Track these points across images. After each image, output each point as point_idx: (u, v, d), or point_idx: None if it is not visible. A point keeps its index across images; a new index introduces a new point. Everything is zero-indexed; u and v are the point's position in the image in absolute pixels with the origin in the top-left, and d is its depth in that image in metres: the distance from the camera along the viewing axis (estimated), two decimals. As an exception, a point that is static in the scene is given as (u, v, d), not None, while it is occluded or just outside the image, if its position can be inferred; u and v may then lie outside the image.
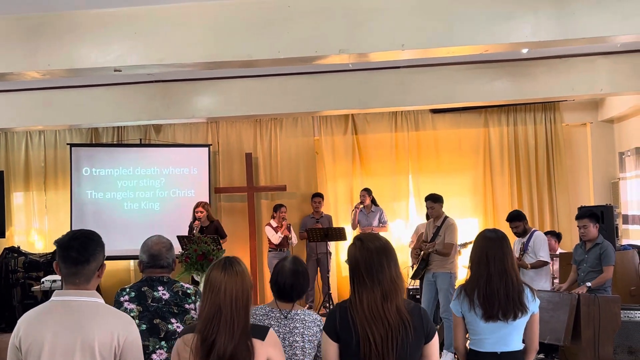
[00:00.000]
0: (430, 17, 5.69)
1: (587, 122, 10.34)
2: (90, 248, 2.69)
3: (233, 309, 2.63)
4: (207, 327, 2.62)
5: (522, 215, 7.23)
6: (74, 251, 2.65)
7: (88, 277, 2.67)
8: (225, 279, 2.67)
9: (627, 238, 9.17)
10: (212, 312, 2.63)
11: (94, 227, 9.39)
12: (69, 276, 2.66)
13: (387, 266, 2.76)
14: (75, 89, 8.92)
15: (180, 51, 5.91)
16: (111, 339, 2.57)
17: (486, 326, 3.51)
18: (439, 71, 8.56)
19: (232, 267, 2.72)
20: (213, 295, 2.65)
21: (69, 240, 2.68)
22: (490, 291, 3.48)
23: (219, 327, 2.60)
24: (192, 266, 6.73)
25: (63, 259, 2.66)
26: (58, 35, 5.93)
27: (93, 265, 2.68)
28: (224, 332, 2.60)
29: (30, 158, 10.70)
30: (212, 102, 9.13)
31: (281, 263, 3.52)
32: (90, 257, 2.67)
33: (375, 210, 9.73)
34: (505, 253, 3.54)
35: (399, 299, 2.75)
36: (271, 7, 5.79)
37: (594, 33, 5.51)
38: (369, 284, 2.73)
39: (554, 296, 6.07)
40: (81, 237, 2.71)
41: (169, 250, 3.56)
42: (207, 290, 2.68)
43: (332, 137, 10.55)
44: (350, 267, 2.85)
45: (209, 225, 9.11)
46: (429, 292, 7.42)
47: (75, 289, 2.66)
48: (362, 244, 2.82)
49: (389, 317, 2.69)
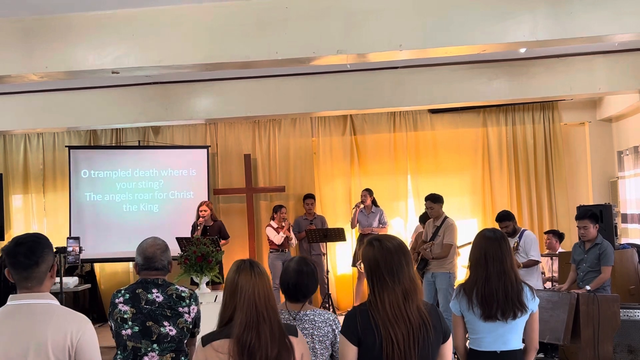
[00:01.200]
0: (428, 17, 5.69)
1: (586, 121, 10.34)
2: (37, 251, 2.67)
3: (269, 309, 2.64)
4: (245, 331, 2.59)
5: (511, 215, 7.24)
6: (21, 256, 2.64)
7: (40, 279, 2.67)
8: (258, 281, 2.66)
9: (626, 237, 9.18)
10: (249, 316, 2.60)
11: (92, 229, 9.37)
12: (21, 281, 2.66)
13: (406, 265, 2.76)
14: (74, 91, 8.93)
15: (178, 53, 5.92)
16: (64, 339, 2.56)
17: (485, 325, 3.51)
18: (437, 71, 8.57)
19: (258, 269, 2.72)
20: (246, 299, 2.63)
21: (15, 246, 2.68)
22: (489, 291, 3.48)
23: (258, 330, 2.59)
24: (191, 268, 6.71)
25: (12, 265, 2.66)
26: (55, 38, 5.94)
27: (43, 267, 2.67)
28: (265, 334, 2.59)
29: (29, 160, 10.71)
30: (211, 104, 9.13)
31: (287, 264, 3.50)
32: (38, 259, 2.66)
33: (375, 211, 9.73)
34: (504, 253, 3.53)
35: (419, 299, 2.74)
36: (268, 8, 5.79)
37: (591, 32, 5.52)
38: (390, 283, 2.71)
39: (553, 295, 6.07)
40: (27, 241, 2.70)
41: (164, 253, 3.54)
42: (238, 294, 2.65)
43: (331, 137, 10.55)
44: (369, 268, 2.80)
45: (212, 225, 9.12)
46: (429, 292, 7.41)
47: (28, 292, 2.66)
48: (381, 244, 2.80)
49: (410, 316, 2.68)
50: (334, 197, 10.53)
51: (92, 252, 9.41)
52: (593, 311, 5.77)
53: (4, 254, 2.71)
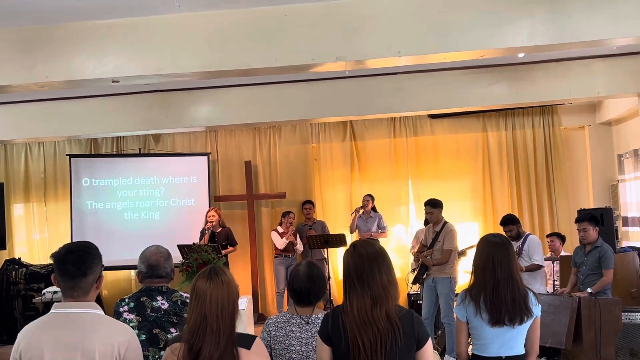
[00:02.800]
0: (426, 23, 5.71)
1: (585, 125, 10.36)
2: (87, 261, 2.67)
3: (219, 317, 2.64)
4: (193, 335, 2.62)
5: (516, 219, 7.25)
6: (70, 265, 2.64)
7: (86, 290, 2.66)
8: (211, 288, 2.68)
9: (627, 240, 9.18)
10: (198, 321, 2.63)
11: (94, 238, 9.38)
12: (67, 289, 2.65)
13: (379, 272, 2.81)
14: (74, 100, 8.95)
15: (178, 61, 5.93)
16: (111, 350, 2.57)
17: (492, 331, 3.51)
18: (437, 76, 8.58)
19: (217, 277, 2.73)
20: (199, 305, 2.66)
21: (66, 254, 2.67)
22: (497, 297, 3.48)
23: (204, 335, 2.61)
24: (193, 275, 6.72)
25: (60, 272, 2.66)
26: (56, 47, 5.96)
27: (90, 278, 2.67)
28: (209, 340, 2.61)
29: (30, 169, 10.72)
30: (211, 111, 9.15)
31: (296, 268, 3.51)
32: (87, 270, 2.66)
33: (374, 216, 9.74)
34: (510, 258, 3.54)
35: (390, 305, 2.79)
36: (268, 16, 5.81)
37: (589, 37, 5.54)
38: (359, 289, 2.80)
39: (554, 299, 6.08)
40: (78, 250, 2.70)
41: (167, 260, 3.56)
42: (193, 299, 2.69)
43: (331, 143, 10.56)
44: (343, 273, 2.91)
45: (220, 231, 9.14)
46: (430, 297, 7.41)
47: (74, 301, 2.65)
48: (355, 249, 2.90)
49: (378, 322, 2.74)
50: (335, 203, 10.54)
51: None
52: (595, 315, 5.77)
53: (53, 261, 2.70)
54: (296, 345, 3.32)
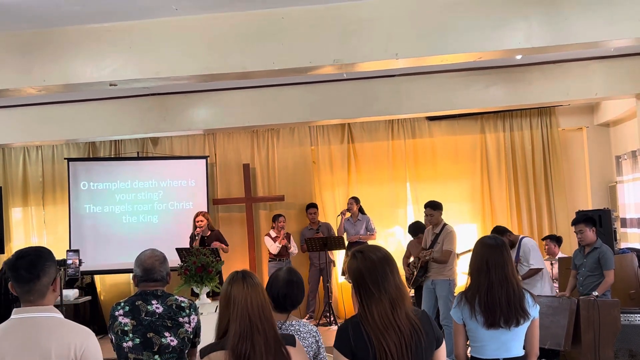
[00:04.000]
0: (423, 25, 5.71)
1: (583, 127, 10.37)
2: (39, 264, 2.68)
3: (263, 320, 2.65)
4: (239, 342, 2.60)
5: (503, 229, 7.26)
6: (22, 270, 2.65)
7: (42, 293, 2.68)
8: (250, 292, 2.68)
9: (626, 241, 9.18)
10: (242, 327, 2.62)
11: (92, 241, 9.35)
12: (23, 294, 2.67)
13: (391, 274, 2.75)
14: (72, 103, 8.94)
15: (176, 64, 5.94)
16: (68, 352, 2.57)
17: (488, 333, 3.51)
18: (434, 79, 8.59)
19: (251, 279, 2.74)
20: (239, 310, 2.64)
21: (16, 260, 2.69)
22: (492, 299, 3.48)
23: (252, 340, 2.60)
24: (191, 278, 6.72)
25: (14, 278, 2.68)
26: (53, 51, 5.96)
27: (45, 281, 2.68)
28: (259, 344, 2.60)
29: (28, 173, 10.70)
30: (209, 114, 9.15)
31: (275, 273, 3.50)
32: (39, 272, 2.66)
33: (362, 219, 9.73)
34: (505, 260, 3.54)
35: (407, 306, 2.74)
36: (265, 19, 5.82)
37: (586, 38, 5.55)
38: (376, 294, 2.71)
39: (553, 301, 6.08)
40: (28, 254, 2.70)
41: (163, 264, 3.56)
42: (232, 305, 2.67)
43: (329, 146, 10.56)
44: (355, 281, 2.80)
45: (210, 235, 9.13)
46: (429, 299, 7.41)
47: (31, 305, 2.67)
48: (364, 255, 2.79)
49: (400, 324, 2.68)
50: (333, 205, 10.53)
51: (92, 264, 9.41)
52: (593, 316, 5.78)
53: (5, 268, 2.72)
54: None
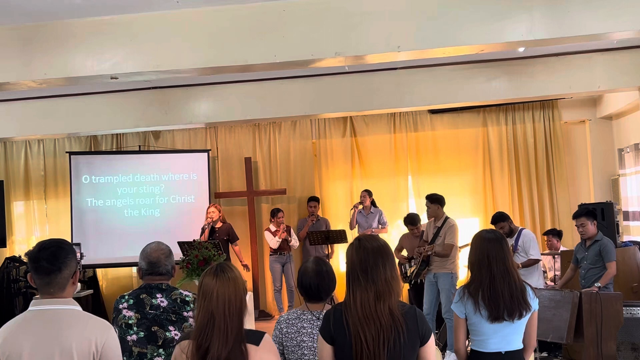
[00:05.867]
0: (425, 18, 5.70)
1: (586, 119, 10.33)
2: (60, 256, 2.68)
3: (226, 314, 2.63)
4: (201, 333, 2.62)
5: (505, 215, 7.24)
6: (44, 261, 2.65)
7: (62, 286, 2.68)
8: (218, 285, 2.67)
9: (628, 234, 9.16)
10: (205, 319, 2.63)
11: (94, 235, 9.35)
12: (43, 286, 2.67)
13: (383, 267, 2.77)
14: (73, 97, 8.94)
15: (177, 57, 5.93)
16: (89, 345, 2.57)
17: (491, 327, 3.51)
18: (436, 71, 8.57)
19: (224, 273, 2.71)
20: (206, 302, 2.65)
21: (39, 251, 2.69)
22: (495, 292, 3.48)
23: (212, 332, 2.60)
24: (193, 272, 6.72)
25: (35, 270, 2.68)
26: (54, 44, 5.95)
27: (65, 273, 2.68)
28: (217, 337, 2.60)
29: (30, 167, 10.70)
30: (210, 108, 9.14)
31: (304, 265, 3.51)
32: (61, 265, 2.67)
33: (374, 212, 9.73)
34: (505, 253, 3.54)
35: (392, 301, 2.76)
36: (266, 12, 5.81)
37: (588, 31, 5.53)
38: (363, 283, 2.75)
39: (555, 294, 6.07)
40: (50, 246, 2.71)
41: (168, 257, 3.55)
42: (200, 296, 2.68)
43: (331, 139, 10.54)
44: (347, 267, 2.87)
45: (221, 227, 9.15)
46: (431, 293, 7.41)
47: (51, 297, 2.67)
48: (360, 243, 2.85)
49: (381, 317, 2.70)
50: (335, 199, 10.53)
51: (94, 258, 9.43)
52: (596, 309, 5.77)
53: (28, 259, 2.72)
54: (308, 342, 3.31)
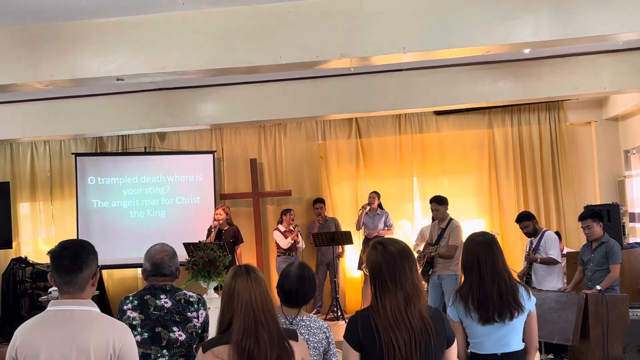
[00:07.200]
0: (431, 19, 5.69)
1: (592, 121, 10.31)
2: (82, 256, 2.69)
3: (267, 314, 2.63)
4: (244, 337, 2.59)
5: (531, 215, 7.25)
6: (66, 260, 2.65)
7: (82, 286, 2.67)
8: (254, 287, 2.67)
9: (634, 236, 9.14)
10: (247, 322, 2.60)
11: (100, 236, 9.37)
12: (63, 285, 2.66)
13: (409, 269, 2.74)
14: (79, 98, 8.96)
15: (182, 59, 5.94)
16: (107, 347, 2.57)
17: (484, 329, 3.50)
18: (442, 73, 8.56)
19: (255, 274, 2.72)
20: (243, 305, 2.63)
21: (61, 250, 2.69)
22: (484, 294, 3.47)
23: (256, 335, 2.58)
24: (198, 273, 6.73)
25: (56, 268, 2.67)
26: (60, 46, 5.97)
27: (86, 273, 2.68)
28: (263, 340, 2.59)
29: (36, 168, 10.73)
30: (216, 109, 9.16)
31: (287, 268, 3.46)
32: (83, 265, 2.67)
33: (380, 214, 9.73)
34: (495, 255, 3.52)
35: (421, 304, 2.73)
36: (272, 13, 5.81)
37: (594, 32, 5.52)
38: (392, 288, 2.70)
39: (561, 296, 6.06)
40: (73, 246, 2.72)
41: (172, 259, 3.55)
42: (235, 300, 2.65)
43: (337, 141, 10.55)
44: (371, 272, 2.79)
45: (228, 229, 9.15)
46: (435, 294, 7.41)
47: (70, 297, 2.66)
48: (384, 247, 2.78)
49: (412, 321, 2.67)
50: (342, 200, 10.53)
51: (99, 259, 9.19)
52: (602, 311, 5.75)
53: (50, 257, 2.73)
54: None
